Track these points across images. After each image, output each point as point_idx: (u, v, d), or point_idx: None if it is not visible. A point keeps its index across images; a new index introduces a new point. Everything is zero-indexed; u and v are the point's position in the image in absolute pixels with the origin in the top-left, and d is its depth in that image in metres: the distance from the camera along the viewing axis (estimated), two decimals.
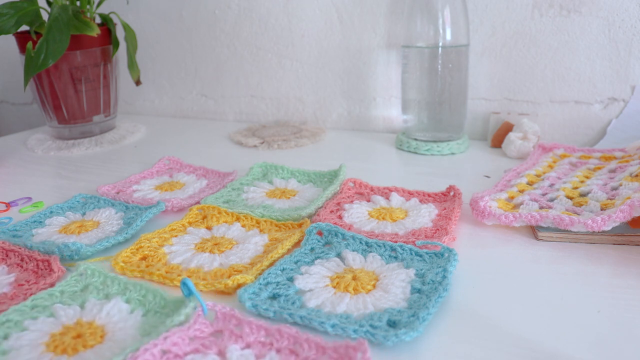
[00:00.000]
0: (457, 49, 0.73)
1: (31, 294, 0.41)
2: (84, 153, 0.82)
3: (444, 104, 0.75)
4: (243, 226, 0.52)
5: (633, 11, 0.70)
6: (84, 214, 0.57)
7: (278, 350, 0.33)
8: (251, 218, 0.53)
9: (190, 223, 0.52)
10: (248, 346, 0.34)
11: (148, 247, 0.47)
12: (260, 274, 0.43)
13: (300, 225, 0.50)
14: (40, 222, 0.55)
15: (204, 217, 0.53)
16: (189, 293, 0.37)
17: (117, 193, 0.62)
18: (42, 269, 0.44)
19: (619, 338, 0.34)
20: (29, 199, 0.63)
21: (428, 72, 0.74)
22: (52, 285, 0.42)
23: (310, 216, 0.53)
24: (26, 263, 0.45)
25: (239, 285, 0.41)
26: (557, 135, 0.78)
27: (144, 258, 0.46)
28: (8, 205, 0.61)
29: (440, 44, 0.72)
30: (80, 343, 0.35)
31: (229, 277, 0.42)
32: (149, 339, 0.33)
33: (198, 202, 0.58)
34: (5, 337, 0.35)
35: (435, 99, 0.74)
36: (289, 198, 0.59)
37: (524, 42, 0.77)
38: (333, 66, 0.90)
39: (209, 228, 0.52)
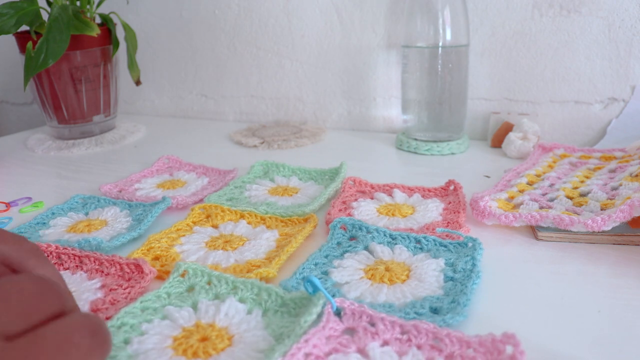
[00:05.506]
0: (457, 49, 0.73)
1: (131, 299, 0.39)
2: (84, 153, 0.82)
3: (444, 104, 0.75)
4: (249, 223, 0.52)
5: (633, 11, 0.71)
6: (86, 213, 0.57)
7: (419, 347, 0.32)
8: (255, 215, 0.53)
9: (194, 222, 0.53)
10: (386, 343, 0.32)
11: (159, 247, 0.47)
12: (280, 267, 0.43)
13: (306, 220, 0.51)
14: (44, 223, 0.55)
15: (208, 216, 0.53)
16: (314, 290, 0.35)
17: (120, 192, 0.62)
18: (128, 272, 0.42)
19: (619, 338, 0.34)
20: (29, 199, 0.63)
21: (428, 72, 0.74)
22: (144, 288, 0.41)
23: (314, 212, 0.54)
24: (107, 267, 0.43)
25: (261, 280, 0.41)
26: (557, 135, 0.78)
27: (156, 258, 0.46)
28: (8, 205, 0.61)
29: (440, 44, 0.72)
30: (209, 346, 0.33)
31: (248, 272, 0.42)
32: (288, 342, 0.32)
33: (202, 200, 0.59)
34: (127, 342, 0.34)
35: (435, 99, 0.74)
36: (291, 195, 0.60)
37: (524, 42, 0.77)
38: (333, 66, 0.90)
39: (215, 226, 0.52)
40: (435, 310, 0.37)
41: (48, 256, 0.45)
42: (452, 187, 0.57)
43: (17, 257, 0.29)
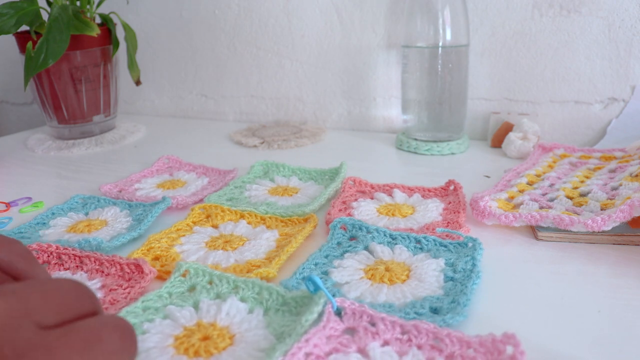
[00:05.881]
0: (457, 49, 0.73)
1: (131, 299, 0.39)
2: (84, 153, 0.82)
3: (444, 104, 0.75)
4: (249, 223, 0.52)
5: (633, 11, 0.71)
6: (86, 214, 0.57)
7: (419, 347, 0.32)
8: (255, 215, 0.53)
9: (194, 222, 0.53)
10: (387, 343, 0.33)
11: (159, 247, 0.47)
12: (280, 267, 0.43)
13: (306, 220, 0.51)
14: (44, 223, 0.55)
15: (208, 216, 0.54)
16: (315, 289, 0.35)
17: (120, 192, 0.62)
18: (128, 273, 0.43)
19: (619, 338, 0.34)
20: (29, 199, 0.63)
21: (428, 72, 0.74)
22: (144, 288, 0.41)
23: (314, 212, 0.54)
24: (107, 267, 0.43)
25: (261, 280, 0.41)
26: (557, 135, 0.78)
27: (156, 258, 0.46)
28: (8, 205, 0.61)
29: (440, 44, 0.72)
30: (211, 345, 0.33)
31: (248, 272, 0.42)
32: (289, 341, 0.32)
33: (202, 200, 0.59)
34: None
35: (435, 99, 0.74)
36: (291, 195, 0.60)
37: (524, 42, 0.77)
38: (333, 66, 0.90)
39: (215, 226, 0.52)
40: (435, 310, 0.37)
41: (48, 256, 0.45)
42: (452, 187, 0.57)
43: (7, 260, 0.29)
